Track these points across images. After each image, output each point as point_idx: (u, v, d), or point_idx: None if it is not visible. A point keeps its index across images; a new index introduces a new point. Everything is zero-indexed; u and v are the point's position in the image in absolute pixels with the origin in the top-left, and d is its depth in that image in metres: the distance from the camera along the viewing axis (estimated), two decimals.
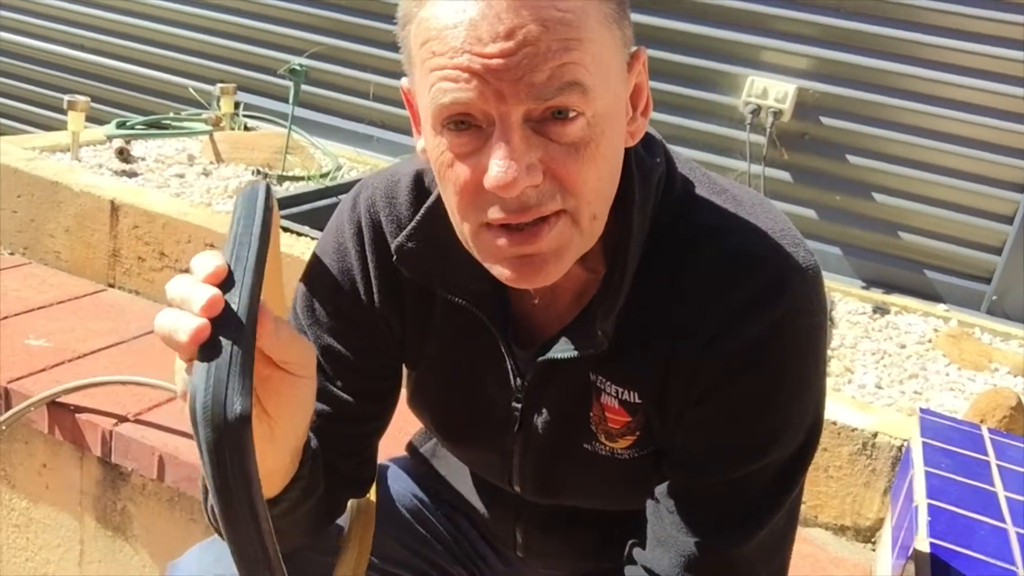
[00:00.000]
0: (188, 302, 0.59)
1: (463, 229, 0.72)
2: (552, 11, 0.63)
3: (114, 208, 2.18)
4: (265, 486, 0.76)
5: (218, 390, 0.54)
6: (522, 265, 0.70)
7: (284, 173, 2.68)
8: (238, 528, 0.55)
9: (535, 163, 0.65)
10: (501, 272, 0.72)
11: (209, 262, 0.60)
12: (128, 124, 2.82)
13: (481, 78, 0.63)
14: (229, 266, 0.60)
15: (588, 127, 0.66)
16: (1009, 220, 2.46)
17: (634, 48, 0.72)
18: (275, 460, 0.73)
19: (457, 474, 1.07)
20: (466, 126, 0.66)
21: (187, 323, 0.58)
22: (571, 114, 0.65)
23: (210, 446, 0.54)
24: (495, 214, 0.68)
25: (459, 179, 0.68)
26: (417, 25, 0.67)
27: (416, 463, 1.12)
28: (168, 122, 2.95)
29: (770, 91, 2.58)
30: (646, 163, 0.78)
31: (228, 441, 0.54)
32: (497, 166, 0.64)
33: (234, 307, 0.58)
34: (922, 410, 1.60)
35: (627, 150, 0.76)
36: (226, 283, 0.59)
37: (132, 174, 2.48)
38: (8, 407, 1.68)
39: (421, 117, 0.72)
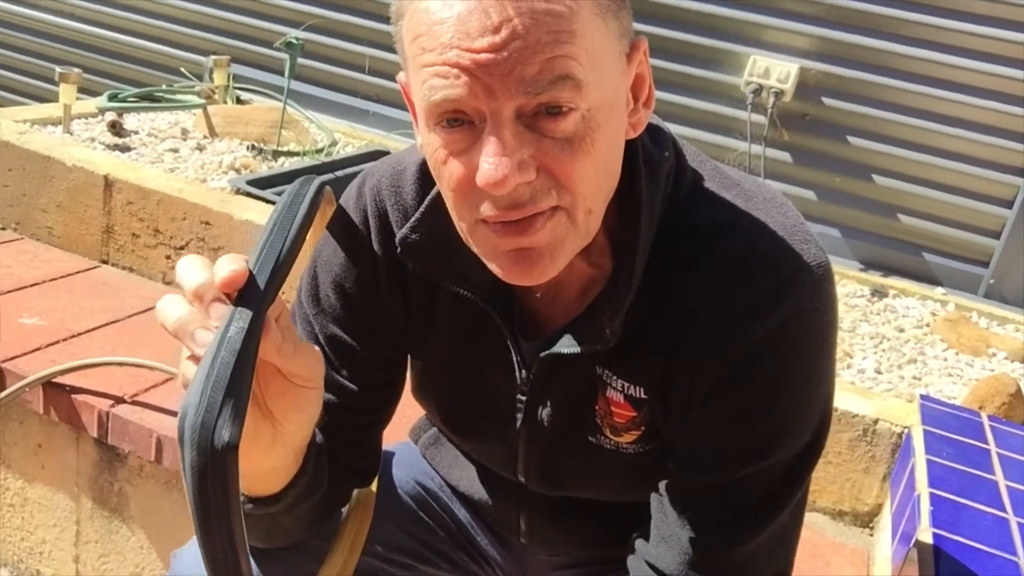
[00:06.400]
0: (200, 296, 0.59)
1: (460, 226, 0.71)
2: (542, 3, 0.61)
3: (108, 184, 2.15)
4: (268, 482, 0.76)
5: (209, 415, 0.54)
6: (518, 260, 0.69)
7: (279, 148, 2.64)
8: (215, 550, 0.56)
9: (527, 159, 0.64)
10: (497, 268, 0.71)
11: (228, 265, 0.59)
12: (120, 96, 2.78)
13: (470, 74, 0.61)
14: (250, 272, 0.59)
15: (583, 121, 0.64)
16: (1009, 204, 2.45)
17: (635, 38, 0.70)
18: (278, 458, 0.72)
19: (460, 461, 1.06)
20: (459, 123, 0.65)
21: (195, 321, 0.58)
22: (564, 109, 0.63)
23: (194, 469, 0.54)
24: (488, 211, 0.67)
25: (453, 176, 0.67)
26: (408, 20, 0.65)
27: (418, 450, 1.12)
28: (161, 95, 2.91)
29: (772, 71, 2.56)
30: (654, 157, 0.76)
31: (213, 468, 0.54)
32: (487, 163, 0.63)
33: (243, 322, 0.57)
34: (922, 397, 1.60)
35: (634, 143, 0.74)
36: (241, 291, 0.59)
37: (125, 148, 2.45)
38: (3, 387, 1.67)
39: (417, 113, 0.70)
